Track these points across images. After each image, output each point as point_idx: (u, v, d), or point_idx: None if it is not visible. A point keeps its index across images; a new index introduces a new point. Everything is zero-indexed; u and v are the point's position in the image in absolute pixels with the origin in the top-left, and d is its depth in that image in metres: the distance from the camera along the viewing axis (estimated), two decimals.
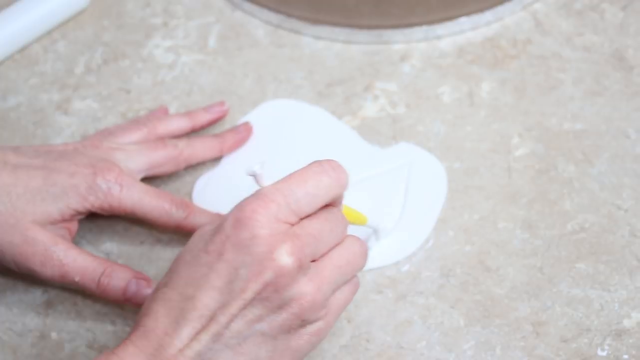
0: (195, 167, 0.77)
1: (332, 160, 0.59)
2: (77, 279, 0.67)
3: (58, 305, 0.70)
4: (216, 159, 0.77)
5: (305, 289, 0.57)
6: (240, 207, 0.57)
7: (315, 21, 0.84)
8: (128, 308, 0.70)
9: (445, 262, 0.70)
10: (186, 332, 0.56)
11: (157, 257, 0.72)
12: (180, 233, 0.73)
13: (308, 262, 0.57)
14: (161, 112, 0.79)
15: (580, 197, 0.73)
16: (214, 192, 0.75)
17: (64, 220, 0.69)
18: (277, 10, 0.85)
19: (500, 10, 0.83)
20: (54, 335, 0.69)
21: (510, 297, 0.68)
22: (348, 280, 0.60)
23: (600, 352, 0.65)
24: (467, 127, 0.77)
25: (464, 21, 0.83)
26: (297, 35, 0.84)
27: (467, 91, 0.80)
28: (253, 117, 0.79)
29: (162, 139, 0.75)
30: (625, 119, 0.77)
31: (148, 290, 0.68)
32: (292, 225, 0.58)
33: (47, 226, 0.68)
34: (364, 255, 0.61)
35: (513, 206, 0.73)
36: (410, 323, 0.68)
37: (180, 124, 0.77)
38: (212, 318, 0.56)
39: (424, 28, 0.83)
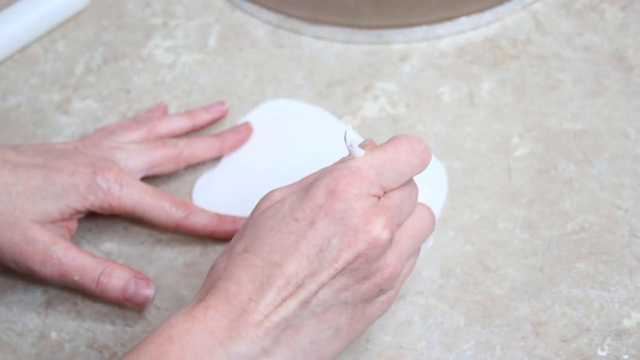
0: (195, 167, 0.77)
1: (419, 140, 0.60)
2: (76, 278, 0.68)
3: (58, 305, 0.70)
4: (216, 159, 0.77)
5: (390, 260, 0.59)
6: (334, 178, 0.58)
7: (315, 21, 0.84)
8: (128, 308, 0.70)
9: (445, 262, 0.70)
10: (272, 298, 0.57)
11: (157, 257, 0.72)
12: (179, 233, 0.73)
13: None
14: (160, 111, 0.79)
15: (580, 197, 0.73)
16: (214, 192, 0.75)
17: (63, 220, 0.69)
18: (277, 10, 0.85)
19: (500, 10, 0.83)
20: (54, 335, 0.69)
21: (510, 297, 0.68)
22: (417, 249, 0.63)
23: (600, 352, 0.65)
24: (467, 127, 0.77)
25: (464, 21, 0.83)
26: (297, 35, 0.85)
27: (467, 91, 0.80)
28: (253, 117, 0.79)
29: (162, 139, 0.75)
30: (625, 119, 0.77)
31: (147, 291, 0.68)
32: (379, 198, 0.59)
33: (47, 225, 0.68)
34: (433, 222, 0.62)
35: (513, 206, 0.73)
36: (410, 323, 0.68)
37: (180, 124, 0.77)
38: (300, 285, 0.57)
39: (424, 28, 0.83)
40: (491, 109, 0.78)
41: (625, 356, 0.65)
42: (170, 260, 0.72)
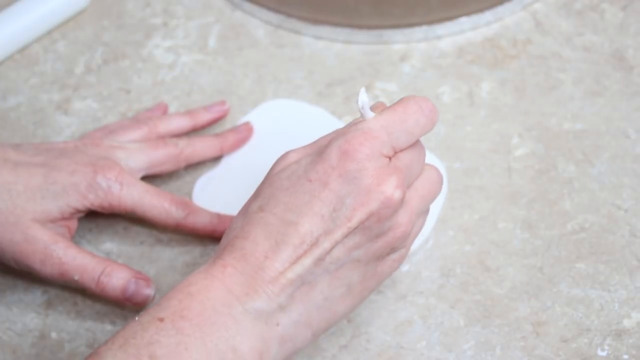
0: (196, 167, 0.77)
1: (427, 99, 0.61)
2: (76, 277, 0.68)
3: (58, 305, 0.70)
4: (216, 159, 0.77)
5: (401, 219, 0.60)
6: (346, 140, 0.59)
7: (316, 21, 0.84)
8: (128, 308, 0.70)
9: (445, 262, 0.70)
10: (287, 255, 0.58)
11: (157, 257, 0.72)
12: (180, 232, 0.73)
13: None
14: (160, 110, 0.79)
15: (580, 197, 0.73)
16: (214, 192, 0.75)
17: (63, 219, 0.69)
18: (277, 10, 0.85)
19: (500, 10, 0.83)
20: (54, 335, 0.69)
21: (510, 297, 0.68)
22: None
23: (600, 352, 0.65)
24: (467, 127, 0.77)
25: (464, 21, 0.83)
26: (297, 35, 0.84)
27: (467, 91, 0.80)
28: (253, 117, 0.79)
29: (163, 138, 0.75)
30: (625, 119, 0.77)
31: (147, 290, 0.68)
32: (390, 158, 0.60)
33: (47, 224, 0.68)
34: (441, 183, 0.64)
35: (513, 206, 0.73)
36: (410, 323, 0.68)
37: (180, 123, 0.77)
38: (314, 244, 0.58)
39: (424, 28, 0.83)
40: (491, 109, 0.78)
41: (625, 356, 0.65)
42: (170, 261, 0.72)
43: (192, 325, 0.56)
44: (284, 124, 0.79)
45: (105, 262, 0.68)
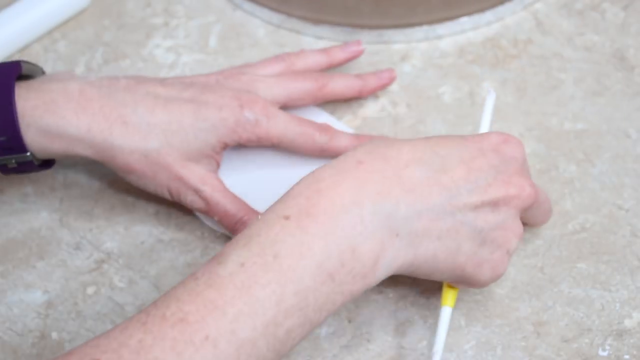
0: None
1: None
2: (216, 218, 0.71)
3: (58, 305, 0.70)
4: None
5: (517, 223, 0.63)
6: (504, 133, 0.64)
7: (316, 21, 0.84)
8: (128, 308, 0.70)
9: None
10: (425, 175, 0.60)
11: (157, 257, 0.72)
12: (324, 157, 0.73)
13: None
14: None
15: (581, 197, 0.73)
16: (241, 170, 0.75)
17: (214, 153, 0.71)
18: (278, 10, 0.85)
19: (501, 10, 0.83)
20: (54, 335, 0.69)
21: (511, 297, 0.68)
22: None
23: (601, 352, 0.65)
24: (468, 127, 0.77)
25: (464, 21, 0.83)
26: (297, 35, 0.84)
27: (467, 91, 0.80)
28: None
29: (303, 72, 0.76)
30: (626, 119, 0.77)
31: None
32: None
33: (200, 160, 0.71)
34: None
35: None
36: (411, 323, 0.68)
37: (317, 59, 0.78)
38: (453, 187, 0.60)
39: (425, 28, 0.83)
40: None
41: (627, 356, 0.65)
42: (171, 260, 0.72)
43: (317, 223, 0.57)
44: None
45: (243, 210, 0.70)
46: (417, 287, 0.69)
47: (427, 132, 0.77)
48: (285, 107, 0.75)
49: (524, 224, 0.65)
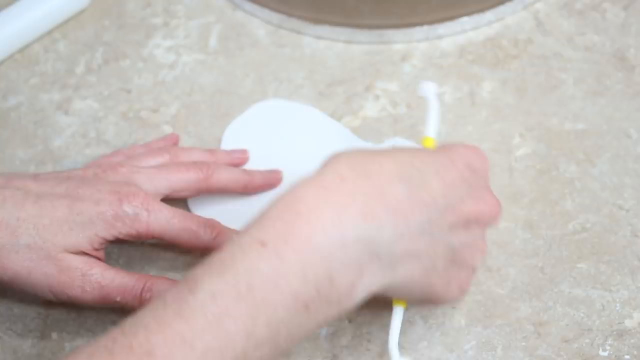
0: None
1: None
2: (118, 298, 0.66)
3: (58, 305, 0.70)
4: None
5: (482, 241, 0.63)
6: (470, 146, 0.62)
7: (316, 21, 0.84)
8: (129, 309, 0.70)
9: None
10: (409, 192, 0.58)
11: (157, 257, 0.72)
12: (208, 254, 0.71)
13: None
14: (172, 140, 0.77)
15: (581, 197, 0.73)
16: (211, 197, 0.74)
17: (93, 249, 0.67)
18: (278, 10, 0.85)
19: (501, 10, 0.83)
20: (54, 335, 0.69)
21: (512, 297, 0.68)
22: None
23: (601, 353, 0.65)
24: (469, 127, 0.77)
25: (465, 21, 0.83)
26: (298, 35, 0.84)
27: (468, 91, 0.80)
28: (245, 118, 0.79)
29: (186, 163, 0.73)
30: (627, 119, 0.77)
31: None
32: None
33: (80, 255, 0.67)
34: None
35: (514, 206, 0.73)
36: (411, 323, 0.68)
37: (202, 157, 0.74)
38: (434, 203, 0.59)
39: (425, 28, 0.83)
40: (492, 109, 0.78)
41: (627, 356, 0.65)
42: (171, 261, 0.72)
43: (295, 251, 0.54)
44: (276, 124, 0.78)
45: (143, 278, 0.67)
46: None
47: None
48: (169, 198, 0.71)
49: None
